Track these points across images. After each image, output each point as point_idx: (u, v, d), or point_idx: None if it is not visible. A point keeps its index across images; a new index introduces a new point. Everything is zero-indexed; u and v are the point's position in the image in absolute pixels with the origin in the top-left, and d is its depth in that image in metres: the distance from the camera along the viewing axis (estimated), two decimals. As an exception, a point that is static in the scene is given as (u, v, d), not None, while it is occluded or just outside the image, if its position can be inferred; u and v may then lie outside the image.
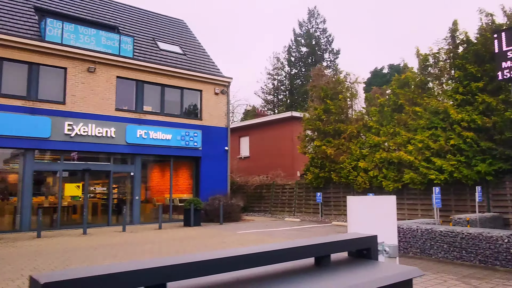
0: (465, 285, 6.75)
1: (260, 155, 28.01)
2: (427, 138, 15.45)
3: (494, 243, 8.35)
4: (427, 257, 9.38)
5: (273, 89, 46.28)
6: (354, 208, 1.86)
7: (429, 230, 9.42)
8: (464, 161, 14.48)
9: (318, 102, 20.73)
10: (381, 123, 17.98)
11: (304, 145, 20.83)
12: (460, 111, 14.78)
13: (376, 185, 17.46)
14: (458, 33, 16.19)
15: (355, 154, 18.30)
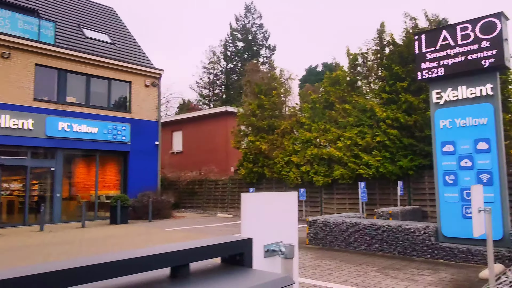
0: (384, 276, 6.93)
1: (194, 150, 27.48)
2: (355, 135, 15.95)
3: (412, 235, 8.72)
4: (352, 249, 9.61)
5: (209, 83, 45.74)
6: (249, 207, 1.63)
7: (353, 223, 9.65)
8: (389, 157, 15.14)
9: (252, 97, 20.67)
10: (313, 119, 18.31)
11: (238, 140, 20.70)
12: (385, 109, 15.42)
13: (307, 180, 17.76)
14: (385, 35, 16.88)
15: (288, 150, 18.48)
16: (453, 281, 6.60)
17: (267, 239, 1.73)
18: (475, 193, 3.74)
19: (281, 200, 1.85)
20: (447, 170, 8.48)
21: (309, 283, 6.53)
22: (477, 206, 3.72)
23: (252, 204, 1.73)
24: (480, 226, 3.75)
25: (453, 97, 8.46)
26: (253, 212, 1.71)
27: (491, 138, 7.94)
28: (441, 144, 8.57)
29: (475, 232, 3.73)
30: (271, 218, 1.76)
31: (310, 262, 8.20)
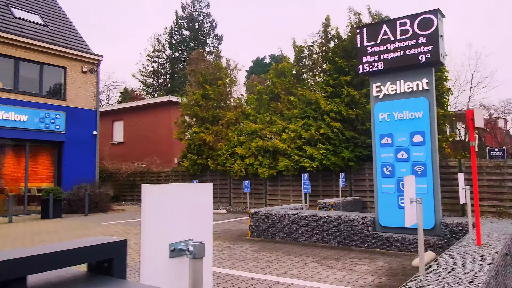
0: (322, 267, 6.95)
1: (136, 141, 26.51)
2: (300, 127, 16.05)
3: (351, 225, 8.86)
4: (293, 241, 9.61)
5: (153, 72, 44.34)
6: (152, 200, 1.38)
7: (295, 215, 9.65)
8: (332, 150, 15.40)
9: (197, 87, 20.19)
10: (258, 111, 18.22)
11: (181, 131, 20.17)
12: (329, 102, 15.63)
13: (252, 172, 17.68)
14: (330, 29, 17.09)
15: (233, 141, 18.27)
16: (388, 269, 6.74)
17: (174, 237, 1.49)
18: (407, 184, 3.74)
19: (194, 192, 1.62)
20: (385, 162, 8.67)
21: (248, 276, 6.38)
22: (409, 197, 3.71)
23: (155, 197, 1.48)
24: (411, 216, 3.76)
25: (392, 91, 8.64)
26: (157, 206, 1.46)
27: (426, 131, 8.20)
28: (380, 136, 8.75)
29: (407, 222, 3.72)
30: (180, 212, 1.53)
31: (251, 255, 8.07)
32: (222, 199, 19.35)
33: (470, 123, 5.23)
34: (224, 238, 10.26)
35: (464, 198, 6.11)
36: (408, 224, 3.74)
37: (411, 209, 3.77)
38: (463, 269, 3.96)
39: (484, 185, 13.44)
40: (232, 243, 9.49)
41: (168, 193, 1.47)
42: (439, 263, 4.25)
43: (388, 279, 6.17)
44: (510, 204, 12.94)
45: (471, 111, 5.22)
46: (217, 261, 7.52)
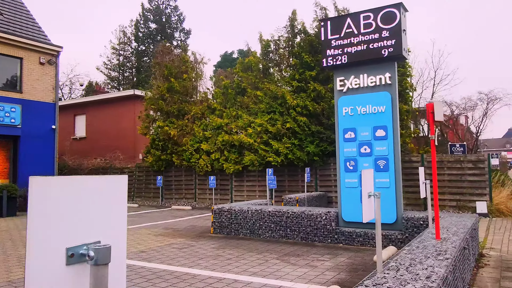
0: (284, 263, 6.81)
1: (99, 136, 25.65)
2: (266, 122, 15.89)
3: (314, 221, 8.77)
4: (256, 237, 9.44)
5: (118, 65, 43.13)
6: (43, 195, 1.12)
7: (258, 210, 9.48)
8: (298, 144, 15.33)
9: (162, 80, 19.66)
10: (224, 105, 17.94)
11: (146, 125, 19.61)
12: (295, 97, 15.54)
13: (217, 167, 17.40)
14: (296, 23, 16.97)
15: (198, 136, 17.92)
16: (349, 265, 6.67)
17: (73, 239, 1.24)
18: (365, 178, 3.60)
19: (103, 186, 1.38)
20: (348, 157, 8.62)
21: (206, 275, 6.15)
22: (367, 191, 3.58)
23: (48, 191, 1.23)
24: (369, 211, 3.63)
25: (355, 85, 8.59)
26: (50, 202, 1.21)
27: (388, 125, 8.19)
28: (343, 131, 8.68)
29: (364, 218, 3.59)
30: (83, 210, 1.28)
31: (211, 252, 7.84)
32: (188, 195, 18.98)
33: (430, 116, 5.19)
34: (186, 235, 9.97)
35: (425, 192, 6.09)
36: (366, 219, 3.61)
37: (369, 204, 3.64)
38: (421, 265, 3.88)
39: (445, 180, 13.73)
40: (194, 240, 9.22)
41: (67, 186, 1.22)
42: (397, 258, 4.16)
43: (349, 275, 6.09)
44: (470, 198, 13.27)
45: (431, 104, 5.17)
46: (176, 260, 7.24)
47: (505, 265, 6.60)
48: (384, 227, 8.19)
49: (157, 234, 10.19)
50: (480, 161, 13.28)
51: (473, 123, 28.48)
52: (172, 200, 19.33)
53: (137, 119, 20.60)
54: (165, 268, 6.68)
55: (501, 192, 14.51)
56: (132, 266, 6.80)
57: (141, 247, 8.55)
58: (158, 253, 7.84)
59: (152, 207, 17.91)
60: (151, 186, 20.03)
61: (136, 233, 10.43)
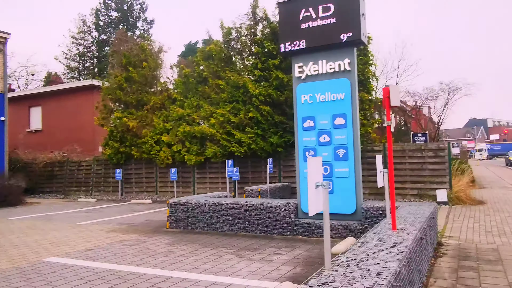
0: (239, 258, 6.44)
1: (56, 128, 24.45)
2: (228, 111, 15.43)
3: (273, 213, 8.45)
4: (214, 231, 9.04)
5: (78, 55, 41.41)
6: None
7: (216, 203, 9.07)
8: (261, 134, 14.97)
9: (120, 69, 18.80)
10: (185, 95, 17.32)
11: (103, 116, 18.74)
12: (258, 86, 15.14)
13: (179, 159, 16.83)
14: (258, 10, 16.51)
15: (159, 128, 17.25)
16: (306, 258, 6.38)
17: None
18: (312, 167, 3.25)
19: None
20: (307, 146, 8.32)
21: (153, 274, 5.70)
22: (313, 182, 3.23)
23: None
24: (317, 203, 3.28)
25: (314, 72, 8.27)
26: None
27: (348, 113, 7.93)
28: (302, 119, 8.37)
29: (311, 210, 3.25)
30: None
31: (164, 249, 7.37)
32: (148, 189, 18.32)
33: (386, 101, 4.90)
34: (140, 231, 9.44)
35: (382, 181, 5.85)
36: (313, 212, 3.26)
37: (316, 195, 3.29)
38: (373, 259, 3.58)
39: (407, 168, 13.75)
40: (148, 236, 8.72)
41: None
42: (349, 253, 3.85)
43: (304, 269, 5.79)
44: (431, 187, 13.34)
45: (387, 89, 4.89)
46: (124, 257, 6.74)
47: (463, 254, 6.49)
48: (344, 217, 7.98)
49: (109, 230, 9.61)
50: (441, 150, 13.36)
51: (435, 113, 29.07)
52: (132, 194, 18.62)
53: (95, 110, 19.63)
54: (110, 267, 6.18)
55: (460, 180, 14.71)
56: (73, 267, 6.25)
57: (89, 244, 7.97)
58: (106, 251, 7.30)
59: (110, 202, 17.16)
60: (110, 180, 19.22)
61: (87, 230, 9.81)
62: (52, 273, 5.95)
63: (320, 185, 3.34)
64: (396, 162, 13.83)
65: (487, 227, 8.88)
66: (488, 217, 10.28)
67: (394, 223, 4.91)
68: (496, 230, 8.49)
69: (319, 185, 3.33)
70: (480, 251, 6.61)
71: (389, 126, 4.88)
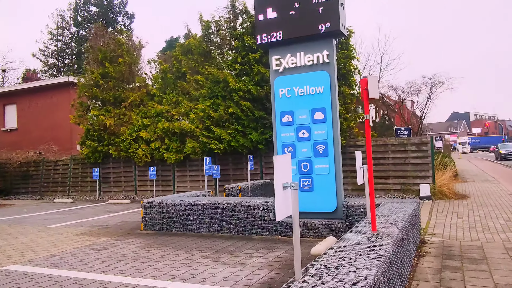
0: (213, 262, 6.07)
1: (32, 127, 23.67)
2: (208, 107, 15.00)
3: (251, 212, 8.09)
4: (190, 232, 8.65)
5: (57, 51, 40.34)
6: None
7: (192, 203, 8.67)
8: (241, 130, 14.59)
9: (96, 65, 18.18)
10: (164, 91, 16.83)
11: (79, 114, 18.11)
12: (238, 81, 14.74)
13: (158, 157, 16.35)
14: (237, 3, 16.08)
15: (137, 125, 16.72)
16: (284, 261, 6.04)
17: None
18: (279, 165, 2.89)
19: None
20: (286, 142, 7.97)
21: (118, 282, 5.28)
22: (281, 182, 2.87)
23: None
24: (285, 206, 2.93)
25: (292, 64, 7.91)
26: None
27: (327, 107, 7.60)
28: (280, 114, 8.01)
29: (278, 215, 2.89)
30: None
31: (134, 253, 6.95)
32: (127, 188, 17.79)
33: (364, 93, 4.57)
34: (112, 233, 8.99)
35: (362, 178, 5.53)
36: (280, 217, 2.90)
37: (284, 198, 2.93)
38: (349, 267, 3.25)
39: (390, 163, 13.54)
40: (119, 239, 8.27)
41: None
42: (324, 259, 3.52)
43: (280, 273, 5.45)
44: (414, 181, 13.16)
45: (365, 80, 4.56)
46: (90, 264, 6.30)
47: (446, 252, 6.23)
48: (324, 215, 7.67)
49: (79, 234, 9.13)
50: (423, 144, 13.17)
51: (418, 107, 29.07)
52: (110, 193, 18.06)
53: (71, 108, 18.97)
54: (73, 275, 5.74)
55: (443, 174, 14.57)
56: (34, 275, 5.80)
57: (55, 250, 7.50)
58: (73, 257, 6.85)
59: (88, 202, 16.60)
60: (88, 180, 18.62)
61: (57, 233, 9.31)
62: (9, 283, 5.49)
63: (288, 186, 2.98)
64: (378, 157, 13.62)
65: (471, 223, 8.68)
66: (472, 211, 10.11)
67: (374, 223, 4.59)
68: (480, 226, 8.28)
69: (288, 186, 2.98)
70: (464, 249, 6.37)
71: (368, 120, 4.55)
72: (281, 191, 2.83)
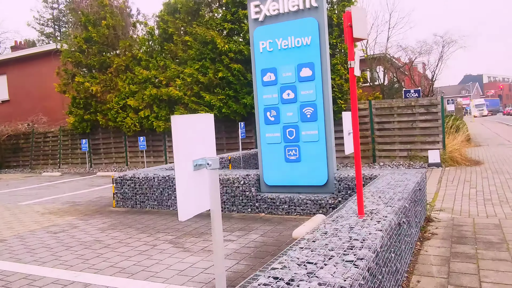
0: (175, 249, 5.08)
1: (23, 97, 22.67)
2: (196, 71, 13.77)
3: (231, 187, 7.06)
4: (165, 209, 7.68)
5: (52, 20, 38.87)
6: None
7: (166, 177, 7.66)
8: (233, 95, 13.41)
9: (79, 29, 16.91)
10: (151, 54, 15.57)
11: (64, 82, 17.02)
12: (227, 41, 13.42)
13: (147, 126, 15.30)
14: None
15: (124, 92, 15.59)
16: (259, 247, 5.02)
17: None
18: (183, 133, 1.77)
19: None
20: (268, 105, 6.81)
21: (53, 277, 4.33)
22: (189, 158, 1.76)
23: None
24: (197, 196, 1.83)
25: (274, 11, 6.63)
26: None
27: (316, 62, 6.37)
28: (261, 72, 6.81)
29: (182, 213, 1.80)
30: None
31: (91, 237, 6.01)
32: (118, 160, 16.89)
33: (347, 31, 3.37)
34: (81, 212, 8.07)
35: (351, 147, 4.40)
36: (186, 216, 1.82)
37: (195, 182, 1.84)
38: (308, 281, 2.18)
39: (395, 128, 12.32)
40: (84, 219, 7.34)
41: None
42: (281, 262, 2.45)
43: (250, 264, 4.43)
44: (422, 147, 11.98)
45: (349, 14, 3.35)
46: (35, 252, 5.38)
47: (456, 233, 5.15)
48: (313, 189, 6.60)
49: (45, 213, 8.22)
50: (433, 105, 11.88)
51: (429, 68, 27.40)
52: (102, 165, 17.21)
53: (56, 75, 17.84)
54: (7, 267, 4.81)
55: (455, 138, 13.34)
56: (-39, 268, 4.88)
57: (7, 233, 6.59)
58: (20, 242, 5.93)
59: (76, 175, 15.77)
60: (78, 152, 17.75)
61: (22, 212, 8.42)
62: None
63: (204, 163, 1.88)
64: (383, 121, 12.41)
65: (486, 194, 7.56)
66: (486, 180, 8.96)
67: (361, 206, 3.50)
68: (496, 198, 7.16)
69: (202, 164, 1.88)
70: (479, 229, 5.28)
71: (352, 68, 3.37)
72: (186, 172, 1.73)
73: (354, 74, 3.40)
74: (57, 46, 18.19)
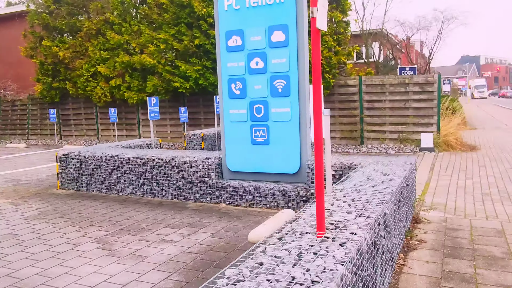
0: (99, 252, 4.04)
1: (-7, 62, 21.17)
2: (171, 37, 12.48)
3: (188, 171, 5.99)
4: (113, 194, 6.63)
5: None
6: None
7: (115, 157, 6.56)
8: (211, 67, 12.18)
9: (47, -12, 15.37)
10: (124, 18, 14.18)
11: (31, 46, 15.63)
12: (206, 5, 12.08)
13: (119, 97, 14.08)
14: None
15: (94, 58, 14.27)
16: (203, 253, 4.00)
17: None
18: None
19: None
20: (233, 75, 5.67)
21: None
22: None
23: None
24: None
25: (242, -41, 5.41)
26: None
27: (290, 24, 5.22)
28: (226, 34, 5.64)
29: None
30: None
31: (10, 229, 4.96)
32: (89, 132, 15.72)
33: (309, -37, 2.23)
34: (19, 193, 7.00)
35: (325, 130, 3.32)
36: None
37: None
38: None
39: (386, 107, 11.26)
40: (18, 203, 6.28)
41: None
42: None
43: (183, 281, 3.41)
44: (414, 129, 10.96)
45: None
46: None
47: (450, 241, 4.16)
48: (283, 178, 5.56)
49: (-21, 193, 7.15)
50: (429, 84, 10.79)
51: (426, 46, 26.16)
52: (72, 137, 16.04)
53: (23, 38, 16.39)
54: None
55: (451, 121, 12.35)
56: None
57: None
58: None
59: (42, 147, 14.63)
60: (47, 122, 16.52)
61: (-46, 191, 7.33)
62: None
63: None
64: (373, 99, 11.33)
65: (484, 186, 6.59)
66: (484, 169, 8.00)
67: (321, 220, 2.44)
68: (496, 192, 6.19)
69: None
70: (477, 235, 4.30)
71: (315, 18, 2.26)
72: None
73: (317, 27, 2.28)
74: (24, 6, 16.63)
